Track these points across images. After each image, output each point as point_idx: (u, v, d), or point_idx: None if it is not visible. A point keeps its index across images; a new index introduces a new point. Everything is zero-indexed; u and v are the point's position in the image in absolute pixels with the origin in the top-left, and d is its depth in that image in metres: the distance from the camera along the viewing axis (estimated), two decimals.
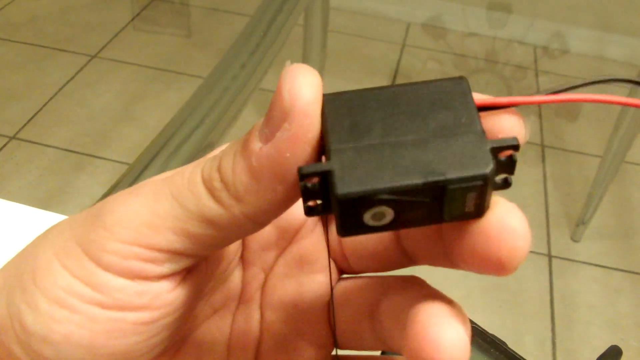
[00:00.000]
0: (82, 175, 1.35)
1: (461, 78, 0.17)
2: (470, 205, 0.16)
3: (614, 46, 1.92)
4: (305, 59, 1.36)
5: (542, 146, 1.56)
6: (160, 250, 0.18)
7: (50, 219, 0.40)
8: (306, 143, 0.16)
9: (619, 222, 1.40)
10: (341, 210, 0.16)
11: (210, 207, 0.17)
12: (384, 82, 1.67)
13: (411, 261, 0.21)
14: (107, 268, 0.18)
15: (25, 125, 1.45)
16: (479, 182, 0.15)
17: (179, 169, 0.18)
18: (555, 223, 1.36)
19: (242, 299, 0.23)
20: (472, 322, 0.48)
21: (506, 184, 0.17)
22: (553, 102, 0.17)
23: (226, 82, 1.09)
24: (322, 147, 0.17)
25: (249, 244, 0.23)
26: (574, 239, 1.34)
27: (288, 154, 0.16)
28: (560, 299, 1.22)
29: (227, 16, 1.88)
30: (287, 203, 0.17)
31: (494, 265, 0.16)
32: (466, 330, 0.16)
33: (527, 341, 1.15)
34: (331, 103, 0.17)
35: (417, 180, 0.15)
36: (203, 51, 1.72)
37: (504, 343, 0.44)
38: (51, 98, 1.52)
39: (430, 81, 0.17)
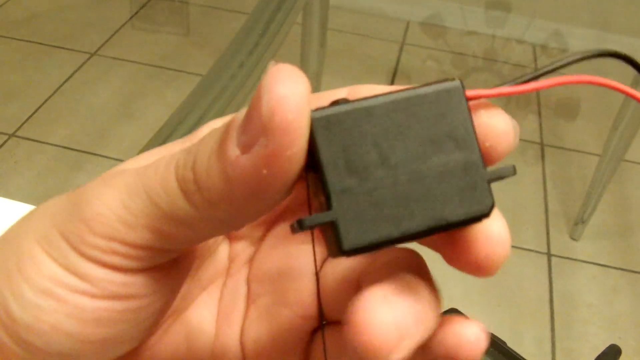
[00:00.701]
0: (80, 174, 1.35)
1: (455, 81, 0.16)
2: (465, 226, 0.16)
3: (613, 45, 1.92)
4: (303, 58, 1.36)
5: (542, 145, 1.56)
6: (137, 247, 0.17)
7: None
8: (285, 161, 0.15)
9: (618, 221, 1.40)
10: (344, 255, 0.16)
11: (184, 208, 0.16)
12: (383, 81, 1.67)
13: None
14: (90, 260, 0.17)
15: (24, 123, 1.45)
16: (480, 220, 0.16)
17: (155, 160, 0.18)
18: (555, 222, 1.36)
19: (229, 274, 0.23)
20: None
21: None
22: (541, 88, 0.17)
23: (224, 81, 1.08)
24: (308, 162, 0.16)
25: None
26: (573, 237, 1.34)
27: (265, 171, 0.15)
28: (559, 297, 1.22)
29: (225, 14, 1.88)
30: (263, 212, 0.17)
31: (473, 268, 0.17)
32: (407, 313, 0.16)
33: (526, 340, 1.15)
34: (322, 127, 0.15)
35: (420, 227, 0.15)
36: (201, 49, 1.72)
37: (503, 342, 0.44)
38: (50, 96, 1.52)
39: (425, 89, 0.16)
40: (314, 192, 0.17)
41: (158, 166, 0.17)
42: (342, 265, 0.21)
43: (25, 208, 0.40)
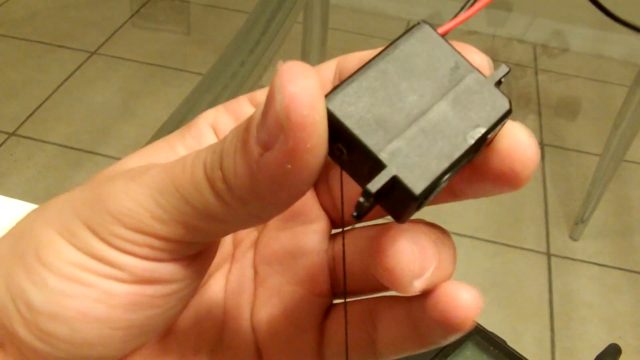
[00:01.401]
0: (80, 172, 1.35)
1: (420, 24, 0.18)
2: (493, 136, 0.18)
3: (613, 45, 1.92)
4: (304, 57, 1.36)
5: (542, 144, 1.56)
6: (169, 240, 0.18)
7: None
8: (307, 153, 0.15)
9: (618, 221, 1.40)
10: (418, 205, 0.17)
11: (216, 205, 0.17)
12: None
13: None
14: (118, 249, 0.18)
15: (24, 121, 1.45)
16: (506, 117, 0.17)
17: (181, 158, 0.18)
18: (554, 221, 1.36)
19: (234, 259, 0.23)
20: None
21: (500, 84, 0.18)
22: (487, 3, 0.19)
23: (225, 79, 1.09)
24: (329, 147, 0.16)
25: None
26: (573, 237, 1.34)
27: (289, 166, 0.15)
28: (559, 297, 1.22)
29: (226, 13, 1.88)
30: (293, 202, 0.17)
31: (509, 178, 0.17)
32: (429, 248, 0.17)
33: (526, 339, 1.15)
34: (340, 109, 0.16)
35: (464, 147, 0.17)
36: (202, 48, 1.72)
37: (503, 341, 0.44)
38: (50, 94, 1.52)
39: (403, 42, 0.18)
40: (353, 172, 0.17)
41: (185, 164, 0.18)
42: (352, 241, 0.22)
43: (25, 206, 0.40)
